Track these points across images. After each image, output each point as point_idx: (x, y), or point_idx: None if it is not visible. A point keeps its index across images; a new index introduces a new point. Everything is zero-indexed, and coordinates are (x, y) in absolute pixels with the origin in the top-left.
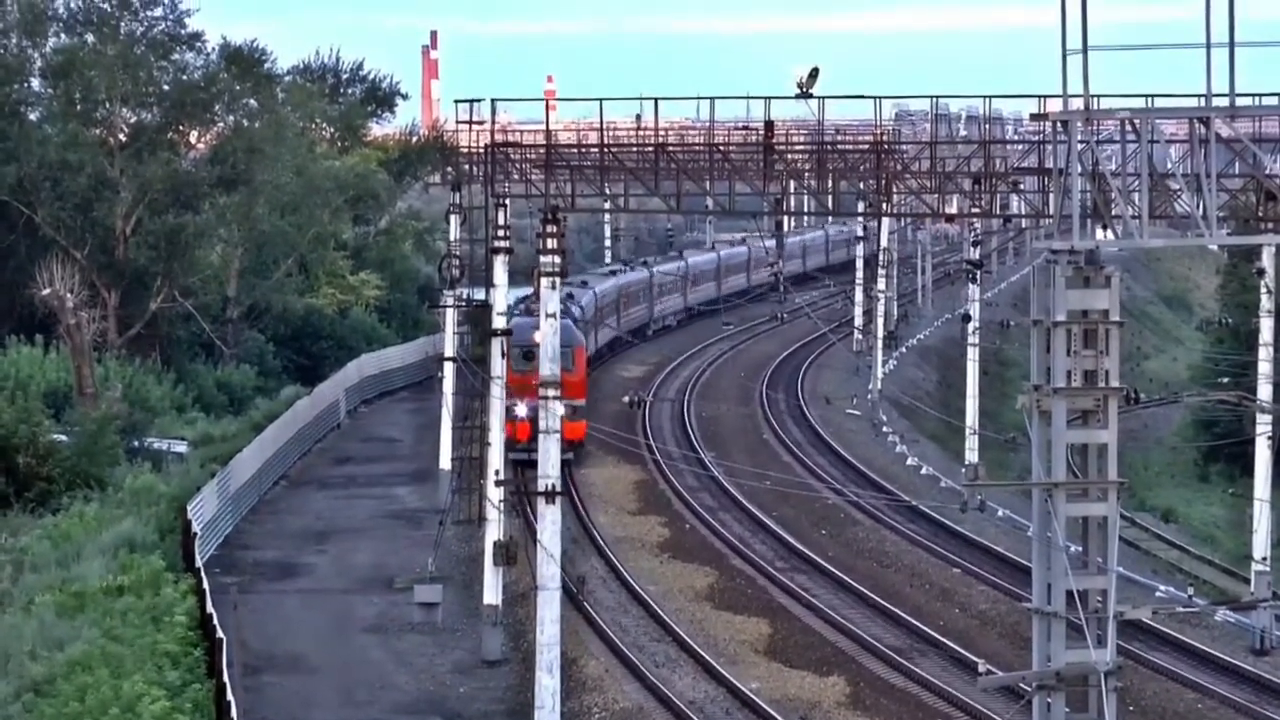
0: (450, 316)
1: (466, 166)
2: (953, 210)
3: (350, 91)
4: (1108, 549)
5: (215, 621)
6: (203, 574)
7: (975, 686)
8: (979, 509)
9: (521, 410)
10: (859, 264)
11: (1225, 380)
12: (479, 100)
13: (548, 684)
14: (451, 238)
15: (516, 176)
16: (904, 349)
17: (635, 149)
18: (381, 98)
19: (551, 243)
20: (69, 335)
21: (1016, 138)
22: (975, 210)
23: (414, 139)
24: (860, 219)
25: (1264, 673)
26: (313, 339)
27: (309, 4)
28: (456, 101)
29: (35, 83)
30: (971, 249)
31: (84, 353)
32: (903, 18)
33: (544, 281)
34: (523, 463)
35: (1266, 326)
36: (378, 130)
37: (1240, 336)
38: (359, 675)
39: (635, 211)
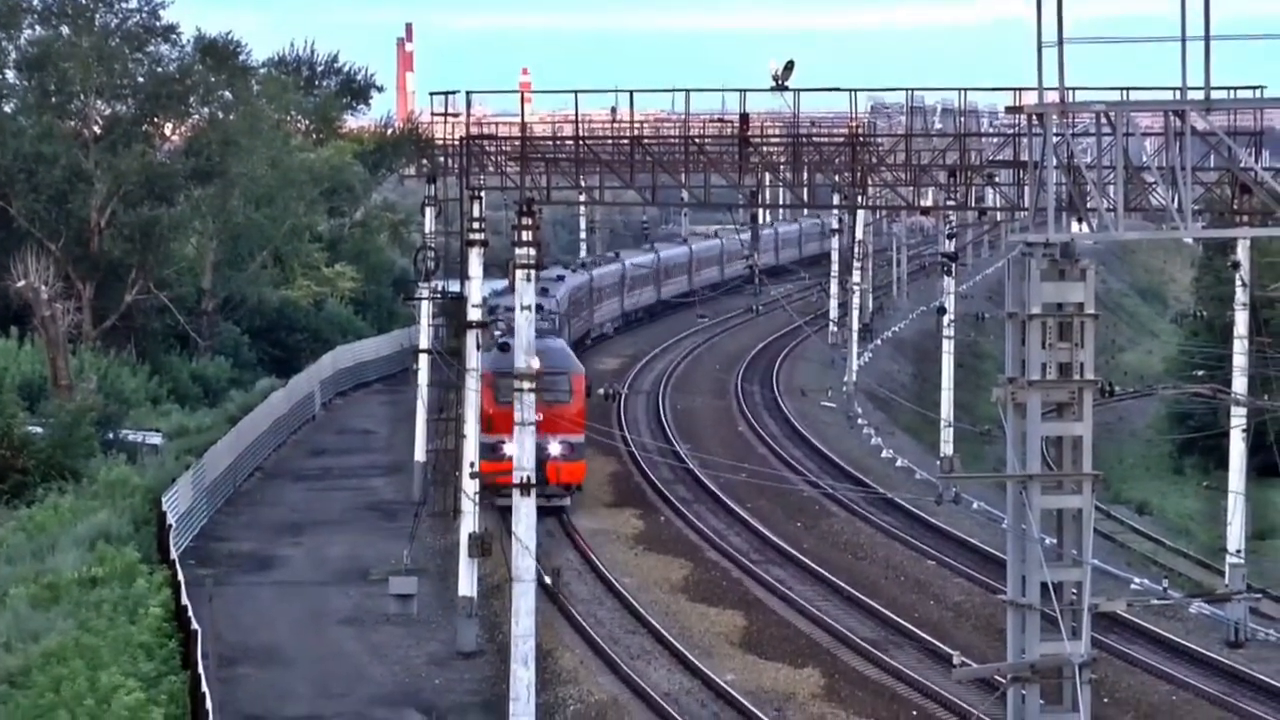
0: (425, 309)
1: (441, 159)
2: (928, 203)
3: (325, 84)
4: (1083, 541)
5: (190, 613)
6: (178, 566)
7: (950, 679)
8: (954, 501)
9: (508, 448)
10: (834, 257)
11: (1200, 373)
12: (454, 93)
13: (523, 676)
14: (427, 230)
15: (491, 169)
16: (879, 341)
17: (611, 141)
18: (357, 90)
19: (527, 235)
20: (44, 327)
21: (992, 131)
22: (950, 203)
23: (389, 131)
24: (835, 212)
25: (1238, 665)
26: (288, 331)
27: None
28: (431, 94)
29: (9, 75)
30: (947, 242)
31: (59, 345)
32: (880, 14)
33: (519, 274)
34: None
35: (1241, 320)
36: (353, 122)
37: (1215, 330)
38: (334, 667)
39: (611, 204)
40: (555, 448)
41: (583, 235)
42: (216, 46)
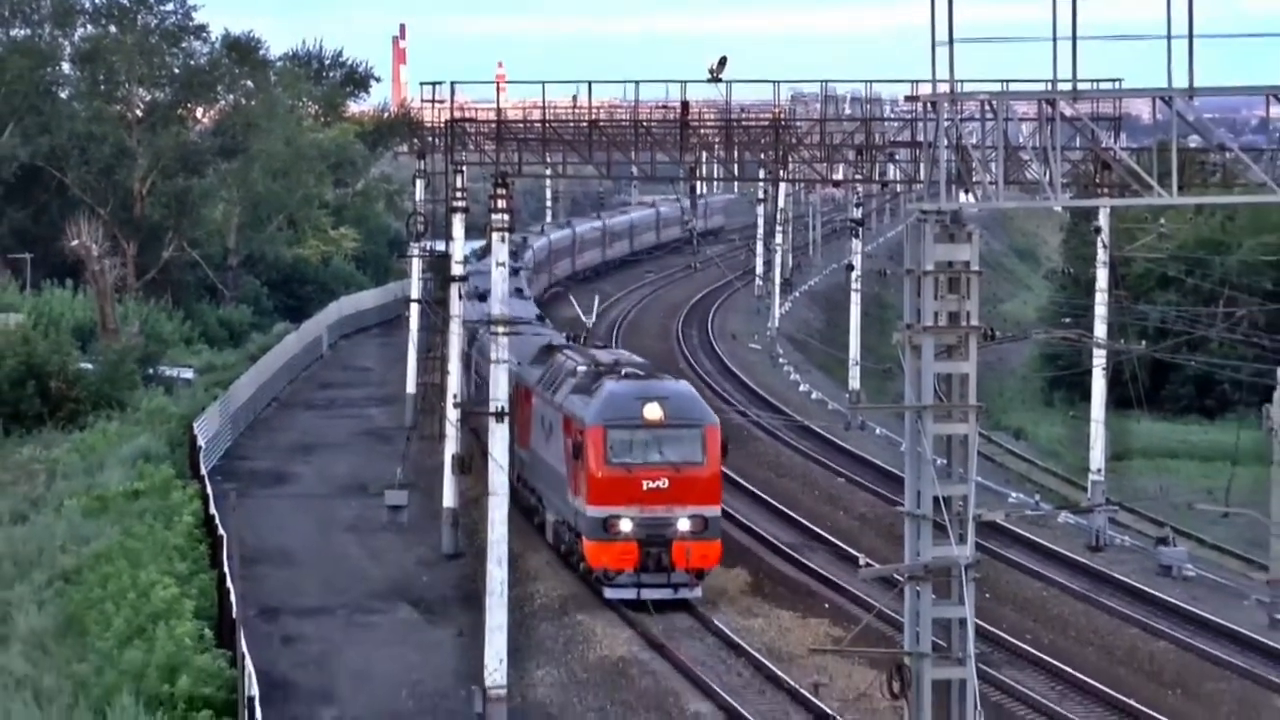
0: (416, 265)
1: (430, 139)
2: (839, 177)
3: (331, 75)
4: (968, 462)
5: (217, 521)
6: (206, 481)
7: (857, 577)
8: (860, 428)
9: (626, 524)
10: (760, 222)
11: (1067, 320)
12: (440, 83)
13: (497, 574)
14: (417, 199)
15: (472, 147)
16: (797, 294)
17: (572, 124)
18: (358, 80)
19: (502, 203)
20: (94, 280)
21: (893, 116)
22: (858, 177)
23: (385, 115)
24: (761, 184)
25: (1098, 566)
26: (300, 284)
27: (298, 1)
28: (421, 84)
29: (65, 67)
30: (855, 210)
31: (107, 295)
32: (800, 18)
33: (495, 235)
34: (629, 603)
35: (1101, 275)
36: (355, 108)
37: (1080, 284)
38: (338, 566)
39: (572, 177)
40: (684, 522)
41: (548, 204)
42: (240, 43)
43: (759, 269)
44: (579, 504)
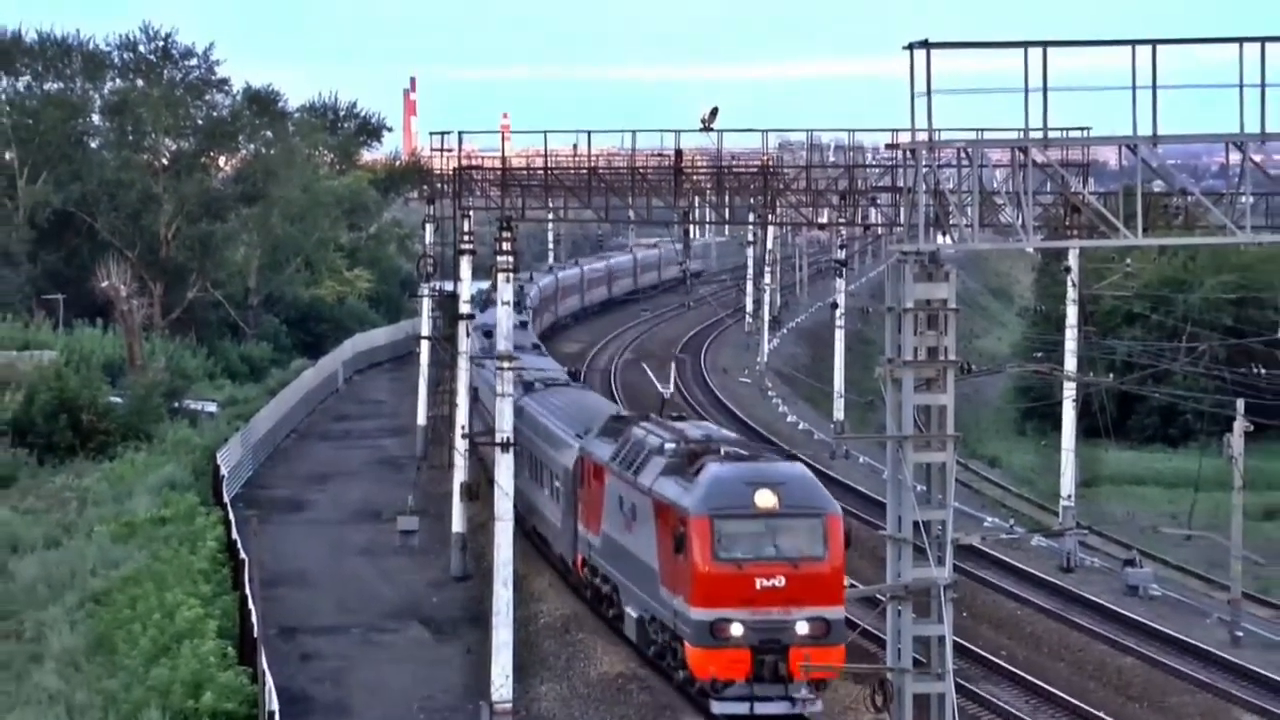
0: (426, 304)
1: (439, 185)
2: (824, 220)
3: (346, 125)
4: (946, 488)
5: (239, 545)
6: (229, 508)
7: None
8: (845, 456)
9: (737, 629)
10: (750, 263)
11: (1039, 355)
12: (449, 132)
13: (503, 594)
14: (427, 242)
15: (478, 193)
16: (785, 330)
17: (573, 171)
18: (371, 130)
19: (506, 245)
20: (123, 319)
21: (875, 162)
22: (842, 220)
23: (397, 163)
24: (750, 227)
25: (1070, 586)
26: (316, 321)
27: (314, 55)
28: (431, 133)
29: (95, 118)
30: (839, 251)
31: (135, 332)
32: (789, 68)
33: (500, 276)
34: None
35: (1071, 312)
36: (368, 156)
37: (1051, 320)
38: (352, 588)
39: (573, 221)
40: (802, 626)
41: (550, 246)
42: (260, 95)
43: (749, 307)
44: (678, 604)
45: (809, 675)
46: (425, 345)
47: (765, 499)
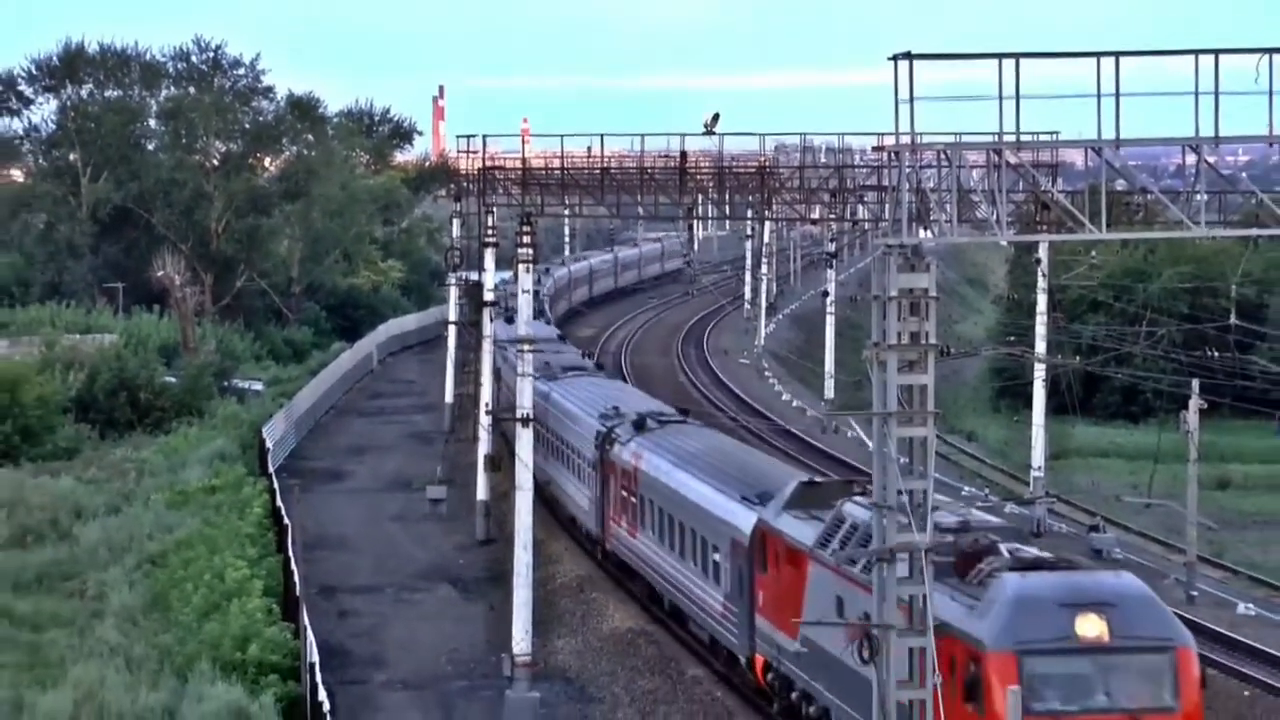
0: (453, 293)
1: (465, 184)
2: (816, 216)
3: (380, 129)
4: (927, 461)
5: (283, 512)
6: (273, 478)
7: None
8: (835, 432)
9: None
10: (748, 255)
11: (1011, 339)
12: (474, 136)
13: (523, 557)
14: (454, 235)
15: (501, 191)
16: (780, 316)
17: (587, 171)
18: (403, 134)
19: (526, 239)
20: (177, 306)
21: (863, 164)
22: (832, 216)
23: (426, 164)
24: (749, 222)
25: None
26: (353, 308)
27: (352, 65)
28: (458, 136)
29: (152, 123)
30: (829, 244)
31: (188, 318)
32: (785, 78)
33: (521, 267)
34: None
35: (1041, 300)
36: (400, 157)
37: (1023, 307)
38: (387, 550)
39: (587, 216)
40: None
41: (566, 239)
42: (302, 102)
43: (747, 294)
44: None
45: None
46: (452, 330)
47: (1091, 627)
